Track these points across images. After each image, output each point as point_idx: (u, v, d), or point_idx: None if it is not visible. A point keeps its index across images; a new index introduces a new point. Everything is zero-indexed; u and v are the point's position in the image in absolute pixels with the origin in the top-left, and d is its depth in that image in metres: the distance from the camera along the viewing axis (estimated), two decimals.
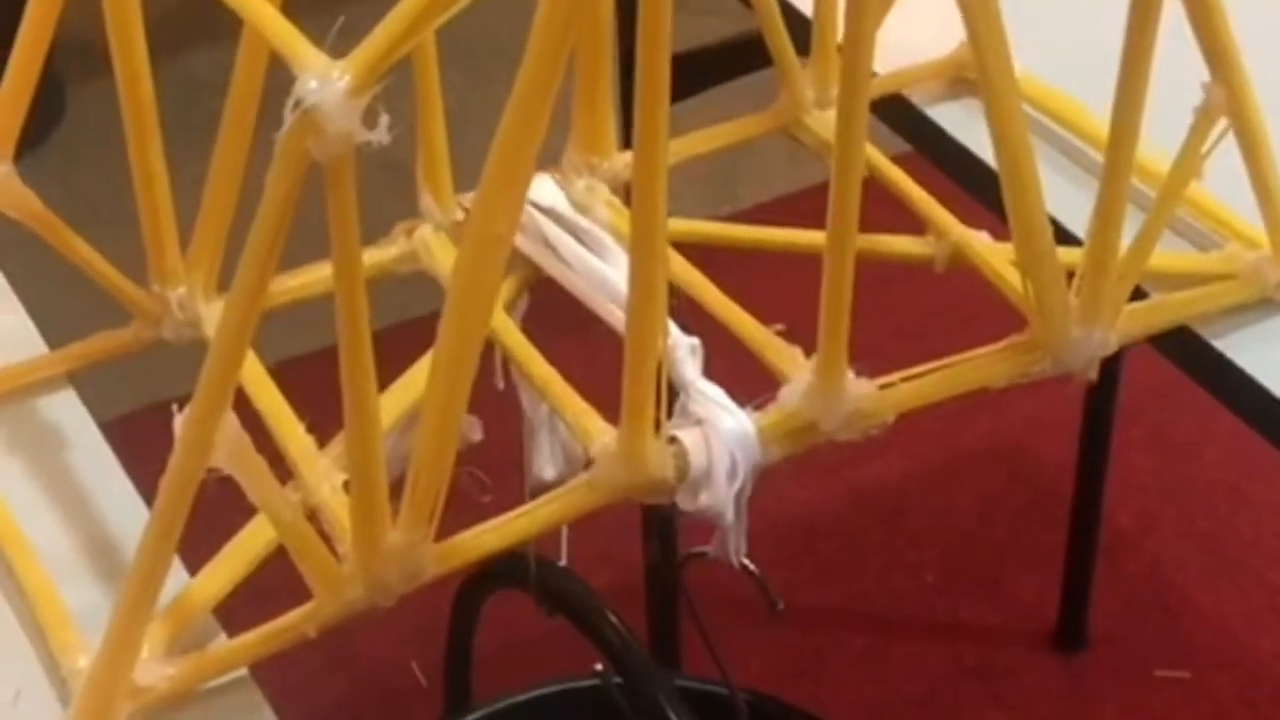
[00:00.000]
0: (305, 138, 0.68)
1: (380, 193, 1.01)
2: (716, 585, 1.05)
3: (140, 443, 0.92)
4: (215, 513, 0.81)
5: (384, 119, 0.68)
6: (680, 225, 0.98)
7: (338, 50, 0.69)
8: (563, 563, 1.05)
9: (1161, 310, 0.93)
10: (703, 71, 1.48)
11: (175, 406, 0.74)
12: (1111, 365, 1.74)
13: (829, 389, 0.84)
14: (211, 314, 0.91)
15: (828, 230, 0.81)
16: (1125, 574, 1.90)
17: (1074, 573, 1.83)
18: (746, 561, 0.88)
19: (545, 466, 0.98)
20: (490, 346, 0.94)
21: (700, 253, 0.99)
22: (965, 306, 1.42)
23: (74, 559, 0.84)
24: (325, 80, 0.67)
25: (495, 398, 0.96)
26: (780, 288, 0.94)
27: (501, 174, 0.72)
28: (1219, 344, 0.94)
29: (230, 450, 0.73)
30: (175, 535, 0.75)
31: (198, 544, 0.83)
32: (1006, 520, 1.96)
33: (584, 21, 0.90)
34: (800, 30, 1.02)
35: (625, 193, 1.00)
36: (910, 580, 1.91)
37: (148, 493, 0.87)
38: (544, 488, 0.98)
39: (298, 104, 0.68)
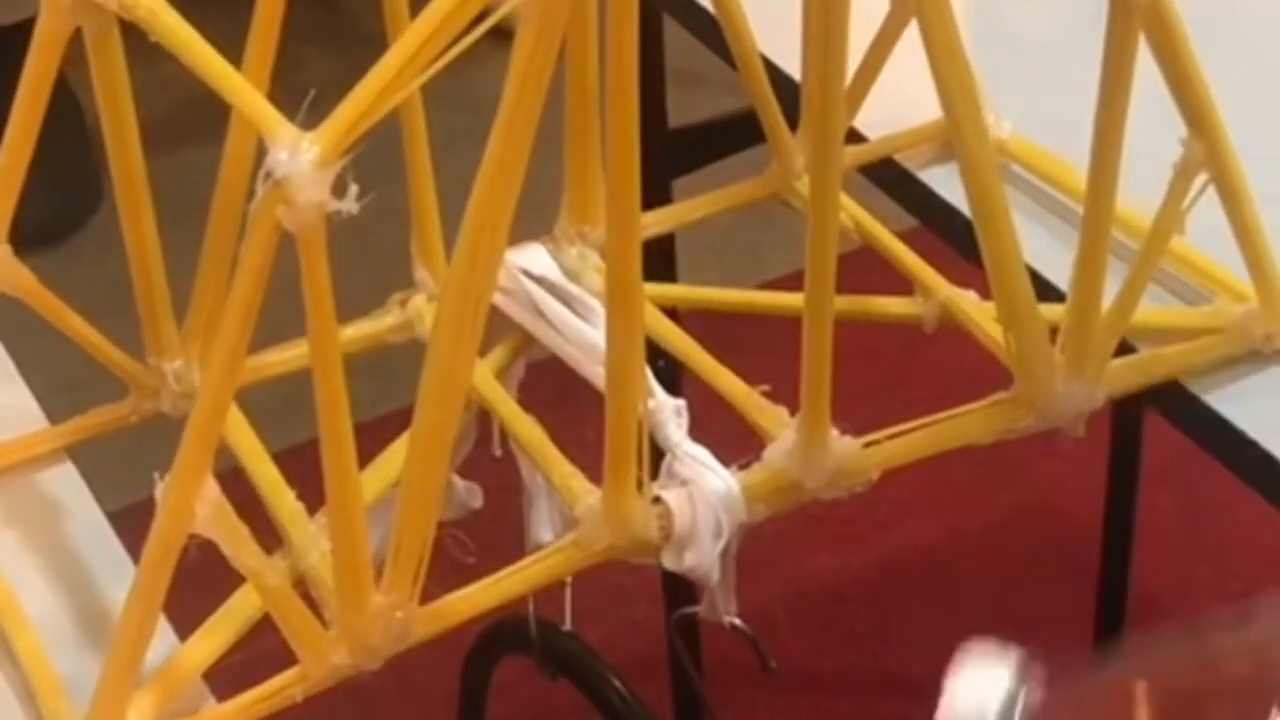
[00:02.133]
0: (275, 208, 0.69)
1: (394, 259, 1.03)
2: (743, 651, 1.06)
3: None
4: (209, 578, 0.82)
5: (353, 189, 0.70)
6: (666, 289, 0.99)
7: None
8: (567, 626, 1.06)
9: (1148, 365, 0.94)
10: (702, 146, 1.50)
11: (156, 475, 0.75)
12: (1134, 426, 1.74)
13: (812, 447, 0.84)
14: None
15: (806, 289, 0.82)
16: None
17: (1104, 637, 1.83)
18: (737, 621, 0.88)
19: (543, 531, 0.98)
20: (487, 415, 0.96)
21: (697, 318, 1.01)
22: (953, 365, 1.43)
23: (67, 629, 0.85)
24: (295, 151, 0.69)
25: (490, 465, 0.97)
26: (774, 350, 0.94)
27: (476, 237, 0.73)
28: (1208, 398, 0.94)
29: (211, 516, 0.74)
30: (159, 601, 0.76)
31: (192, 610, 0.84)
32: (1037, 586, 1.96)
33: (574, 92, 0.91)
34: (791, 97, 1.03)
35: (656, 257, 1.01)
36: (941, 647, 1.91)
37: None
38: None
39: (268, 175, 0.70)
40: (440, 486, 0.77)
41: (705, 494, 0.84)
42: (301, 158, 0.69)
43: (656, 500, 0.83)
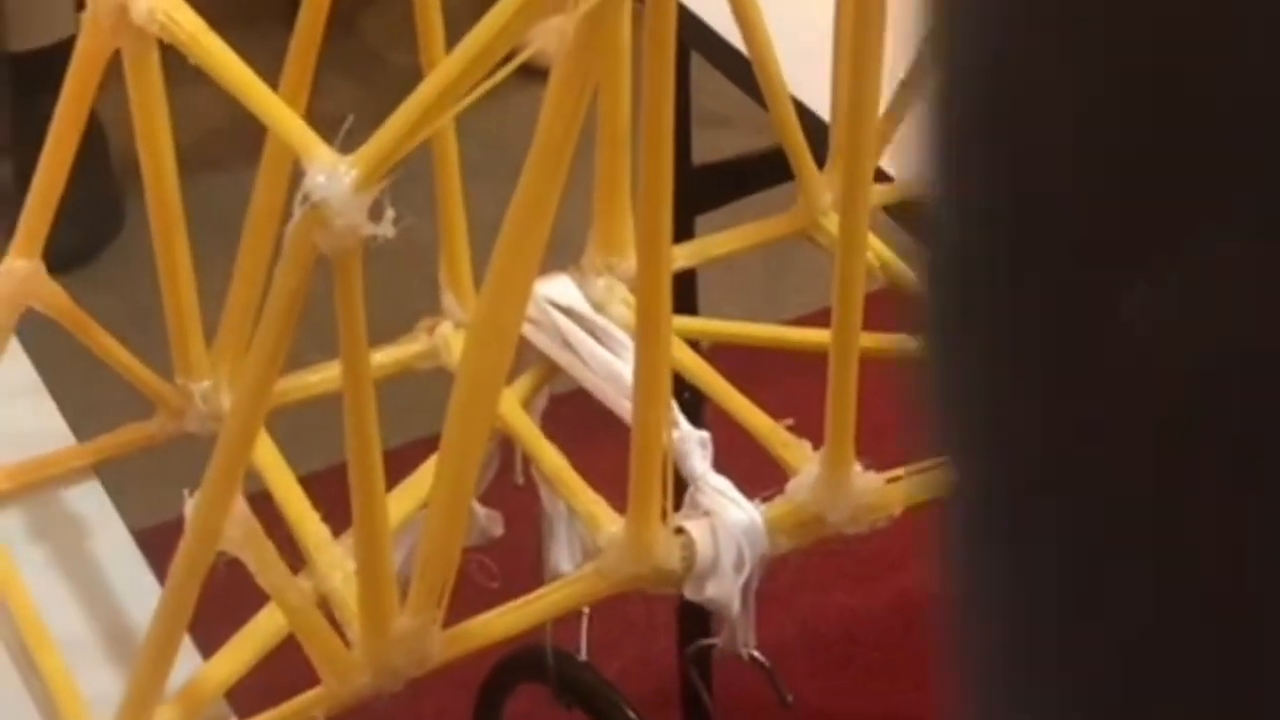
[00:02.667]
0: (312, 231, 0.70)
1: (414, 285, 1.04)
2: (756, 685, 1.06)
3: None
4: (232, 596, 0.83)
5: (389, 213, 0.71)
6: (692, 322, 1.00)
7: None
8: (582, 656, 1.07)
9: None
10: (724, 184, 1.51)
11: (186, 492, 0.76)
12: None
13: (836, 482, 0.85)
14: None
15: (833, 325, 0.82)
16: None
17: None
18: (755, 654, 0.89)
19: (562, 560, 0.99)
20: (510, 443, 0.96)
21: (723, 353, 1.01)
22: None
23: (92, 646, 0.86)
24: (333, 174, 0.70)
25: (512, 493, 0.98)
26: (796, 385, 0.95)
27: (508, 266, 0.74)
28: None
29: (240, 535, 0.75)
30: (185, 619, 0.76)
31: (214, 628, 0.85)
32: None
33: (605, 126, 0.92)
34: (818, 136, 1.04)
35: (681, 291, 1.02)
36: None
37: None
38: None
39: (305, 198, 0.70)
40: (466, 512, 0.78)
41: (728, 525, 0.84)
42: (340, 181, 0.70)
43: (679, 531, 0.84)
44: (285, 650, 0.85)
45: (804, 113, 1.06)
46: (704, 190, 1.47)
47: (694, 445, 0.87)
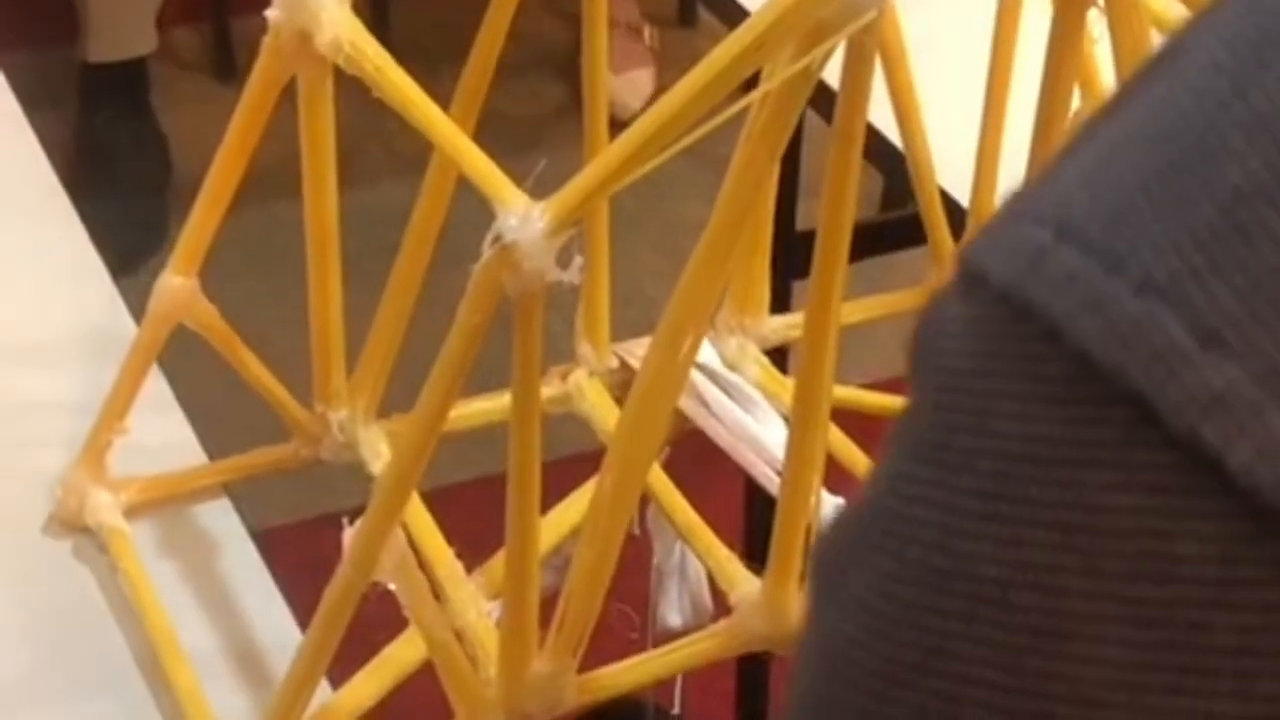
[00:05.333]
0: (500, 272, 0.71)
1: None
2: None
3: (286, 553, 0.95)
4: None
5: (577, 260, 0.72)
6: (840, 392, 1.00)
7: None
8: (676, 710, 1.07)
9: None
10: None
11: (346, 520, 0.76)
12: None
13: None
14: (369, 438, 0.93)
15: None
16: None
17: None
18: None
19: (671, 615, 1.00)
20: None
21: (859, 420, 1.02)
22: None
23: (222, 664, 0.86)
24: (526, 218, 0.71)
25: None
26: None
27: (676, 331, 0.74)
28: None
29: (396, 566, 0.76)
30: (333, 646, 0.77)
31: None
32: None
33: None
34: (955, 214, 1.05)
35: (773, 354, 1.03)
36: None
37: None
38: (668, 635, 1.00)
39: (496, 239, 0.71)
40: (613, 564, 0.78)
41: None
42: (532, 225, 0.70)
43: None
44: (406, 682, 0.85)
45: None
46: (804, 256, 1.48)
47: (833, 511, 0.87)
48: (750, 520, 1.46)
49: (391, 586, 0.77)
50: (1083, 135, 0.34)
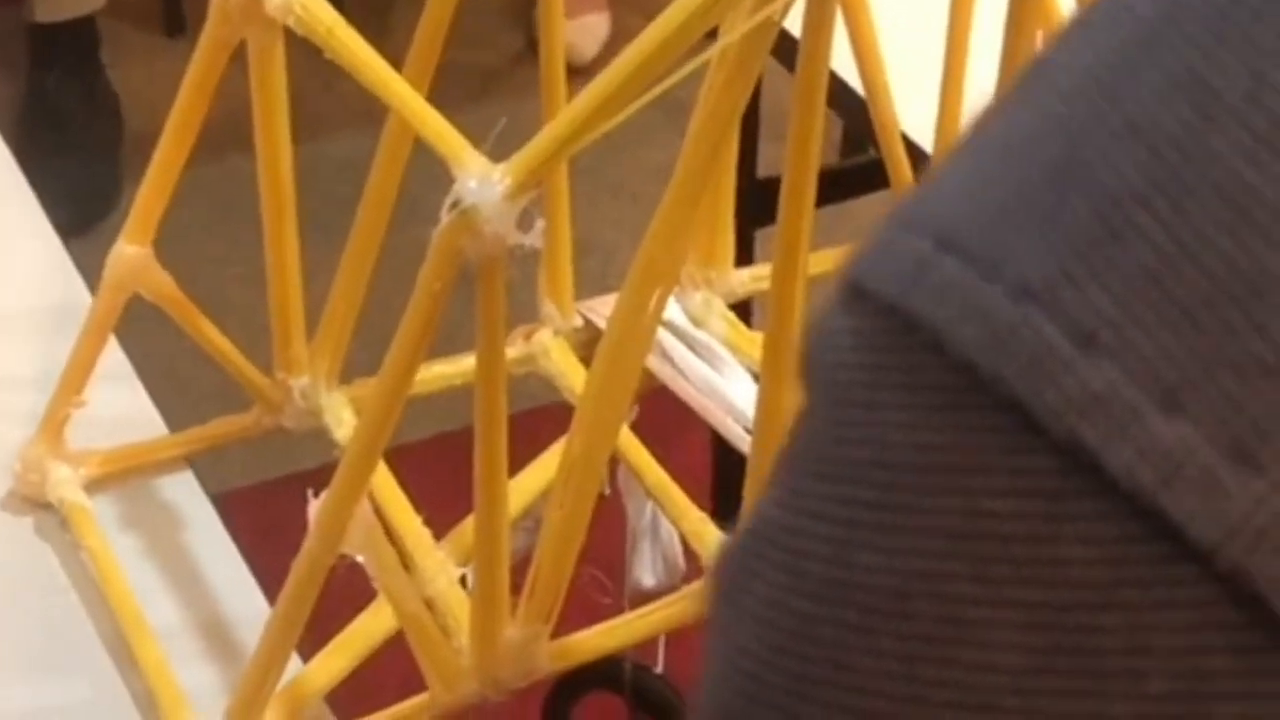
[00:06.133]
0: (460, 237, 0.69)
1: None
2: None
3: (246, 517, 0.93)
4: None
5: (539, 223, 0.70)
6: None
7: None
8: (659, 669, 1.06)
9: None
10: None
11: (310, 492, 0.75)
12: None
13: None
14: (332, 404, 0.92)
15: None
16: None
17: None
18: None
19: (645, 574, 0.99)
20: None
21: None
22: None
23: (189, 639, 0.85)
24: (485, 182, 0.69)
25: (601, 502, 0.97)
26: None
27: (641, 290, 0.73)
28: None
29: (363, 537, 0.74)
30: (302, 620, 0.76)
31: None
32: None
33: None
34: (918, 159, 1.03)
35: (739, 308, 1.02)
36: None
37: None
38: (642, 595, 0.99)
39: (455, 203, 0.70)
40: (584, 529, 0.77)
41: None
42: (492, 189, 0.69)
43: None
44: (376, 654, 0.84)
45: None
46: (767, 203, 1.47)
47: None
48: (719, 478, 1.45)
49: (359, 558, 0.76)
50: (962, 146, 0.34)
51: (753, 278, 1.01)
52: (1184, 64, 0.31)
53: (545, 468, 0.91)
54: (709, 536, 0.84)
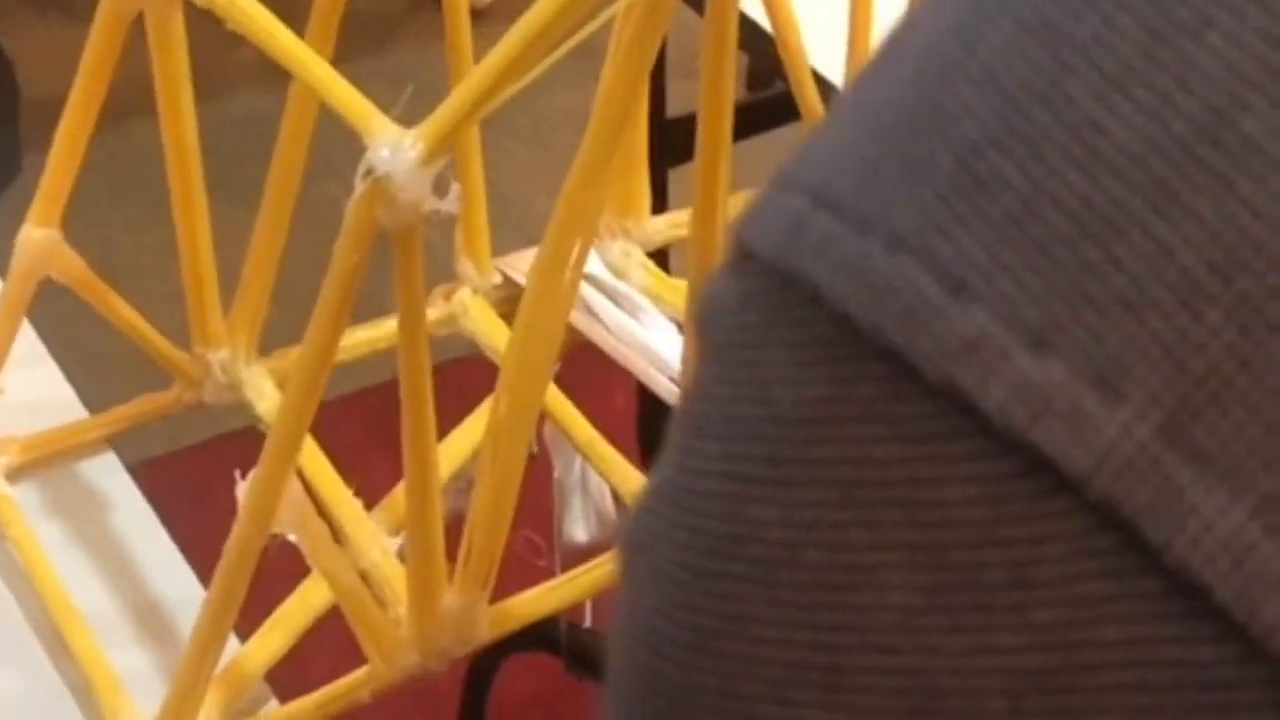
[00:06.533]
0: (375, 206, 0.68)
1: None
2: None
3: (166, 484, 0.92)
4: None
5: (455, 187, 0.69)
6: None
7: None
8: (588, 623, 1.06)
9: None
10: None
11: (238, 473, 0.74)
12: None
13: None
14: (252, 377, 0.91)
15: None
16: None
17: None
18: None
19: (577, 530, 0.98)
20: None
21: None
22: None
23: (123, 624, 0.84)
24: (397, 149, 0.68)
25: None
26: None
27: (560, 246, 0.72)
28: None
29: (294, 515, 0.73)
30: (237, 602, 0.75)
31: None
32: None
33: None
34: (828, 93, 1.03)
35: (658, 256, 1.01)
36: None
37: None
38: (575, 551, 0.99)
39: (368, 172, 0.68)
40: (515, 491, 0.76)
41: None
42: (405, 155, 0.68)
43: None
44: (314, 629, 0.83)
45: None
46: (678, 144, 1.46)
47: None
48: (645, 430, 1.44)
49: (291, 537, 0.75)
50: (837, 106, 0.35)
51: (670, 225, 1.00)
52: (1034, 9, 0.31)
53: (473, 429, 0.90)
54: (626, 477, 0.84)
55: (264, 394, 0.90)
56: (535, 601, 0.81)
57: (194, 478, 0.93)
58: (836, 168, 0.33)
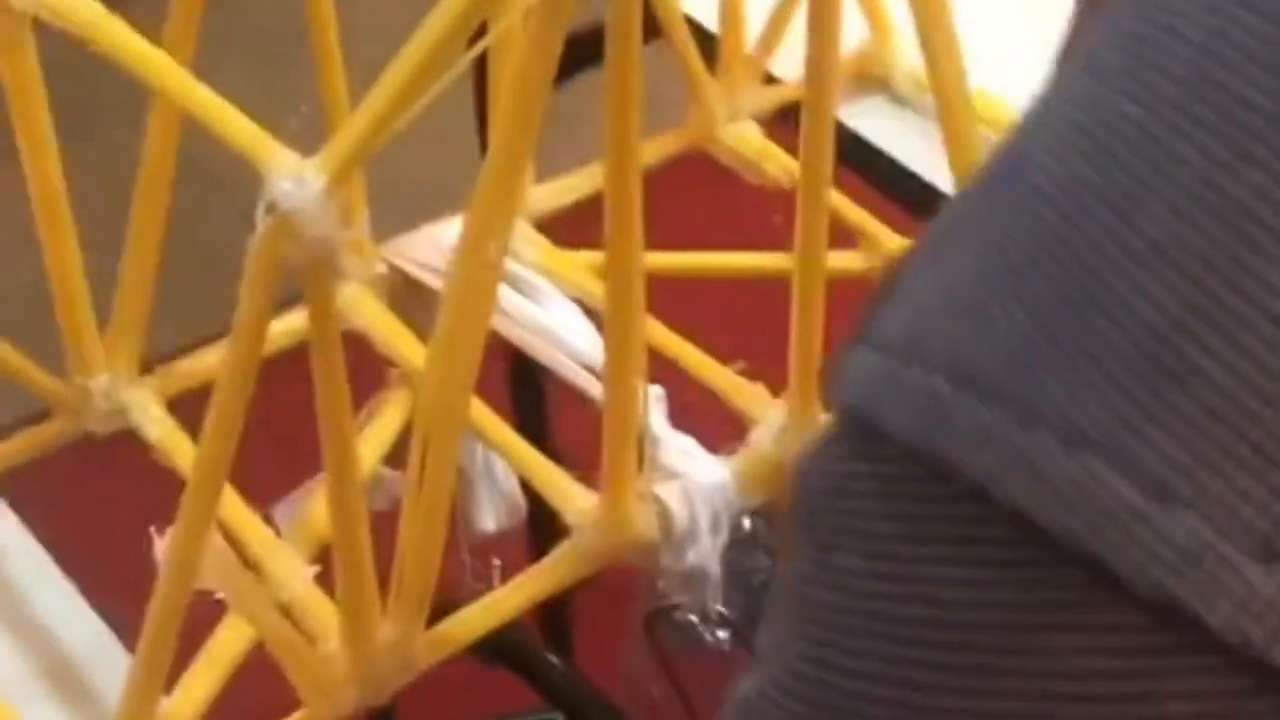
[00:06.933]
0: (280, 245, 0.64)
1: None
2: None
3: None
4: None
5: (365, 214, 0.65)
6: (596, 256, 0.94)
7: None
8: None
9: None
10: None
11: (153, 529, 0.70)
12: None
13: (804, 428, 0.81)
14: (138, 400, 0.86)
15: (797, 258, 0.78)
16: None
17: None
18: (723, 610, 0.85)
19: (485, 519, 0.94)
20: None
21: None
22: None
23: (33, 682, 0.79)
24: (299, 182, 0.63)
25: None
26: (704, 316, 0.90)
27: (474, 250, 0.69)
28: None
29: (219, 570, 0.69)
30: (166, 661, 0.71)
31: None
32: None
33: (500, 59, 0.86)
34: (705, 44, 0.99)
35: (543, 226, 0.97)
36: None
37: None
38: (484, 540, 0.95)
39: (271, 208, 0.64)
40: (446, 515, 0.73)
41: (700, 487, 0.80)
42: (308, 188, 0.63)
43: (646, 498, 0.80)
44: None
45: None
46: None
47: (651, 403, 0.82)
48: (519, 409, 1.39)
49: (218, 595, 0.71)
50: (934, 248, 0.32)
51: (556, 192, 0.96)
52: (1201, 175, 0.28)
53: (386, 426, 0.86)
54: (569, 492, 0.80)
55: (153, 416, 0.86)
56: (473, 620, 0.77)
57: (53, 479, 0.88)
58: (970, 339, 0.30)
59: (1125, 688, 0.29)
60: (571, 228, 0.95)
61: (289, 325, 0.83)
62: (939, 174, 1.01)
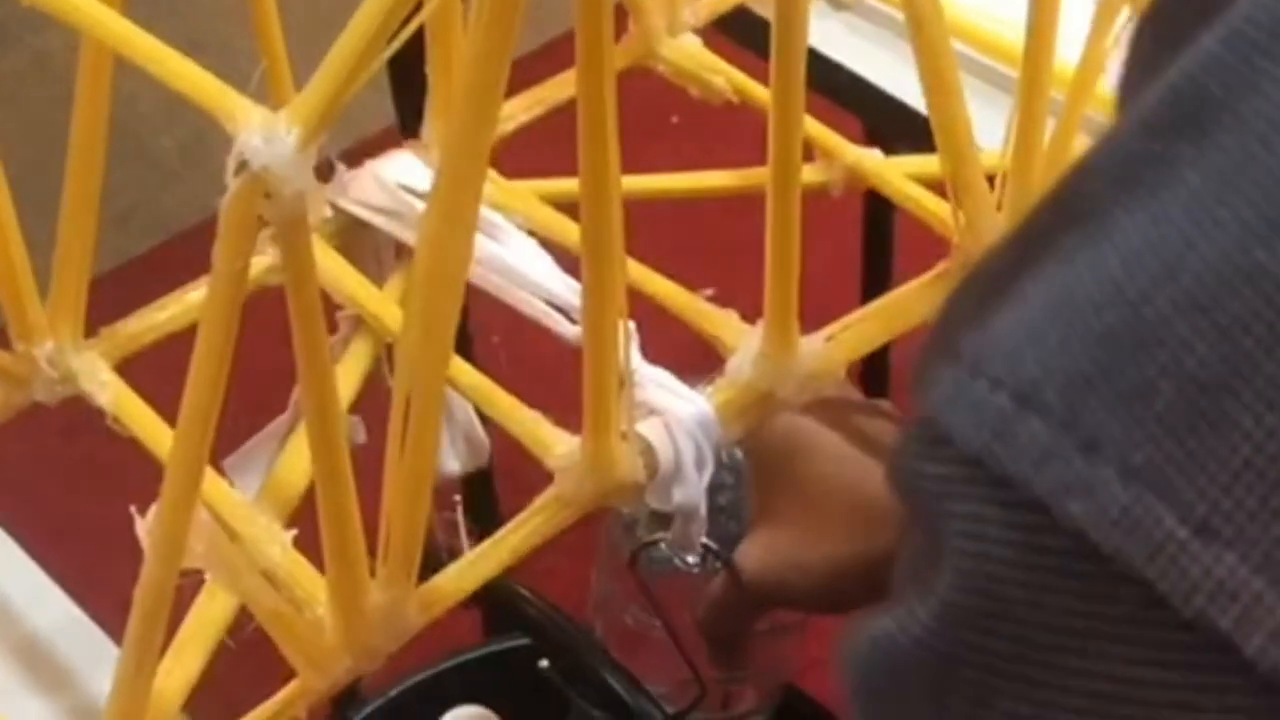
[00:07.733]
0: (254, 203, 0.61)
1: None
2: None
3: None
4: None
5: (341, 169, 0.62)
6: (557, 185, 0.91)
7: None
8: (464, 550, 1.00)
9: None
10: None
11: (134, 509, 0.67)
12: None
13: (783, 354, 0.79)
14: (85, 365, 0.82)
15: (771, 183, 0.75)
16: None
17: None
18: (710, 544, 0.83)
19: (450, 462, 0.92)
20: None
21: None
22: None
23: (11, 673, 0.76)
24: (271, 136, 0.60)
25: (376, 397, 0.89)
26: (662, 239, 0.88)
27: (457, 184, 0.65)
28: None
29: (207, 549, 0.66)
30: (156, 645, 0.68)
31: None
32: None
33: None
34: None
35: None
36: None
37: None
38: (450, 482, 0.93)
39: (242, 165, 0.61)
40: (432, 475, 0.70)
41: (681, 422, 0.78)
42: (282, 143, 0.60)
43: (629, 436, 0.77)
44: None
45: None
46: None
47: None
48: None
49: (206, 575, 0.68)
50: (1008, 270, 0.35)
51: (506, 115, 0.93)
52: (1237, 243, 0.31)
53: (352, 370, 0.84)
54: (547, 438, 0.77)
55: (102, 382, 0.82)
56: (461, 576, 0.75)
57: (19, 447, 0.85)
58: (1033, 363, 0.33)
59: (1172, 696, 0.32)
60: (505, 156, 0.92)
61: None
62: (891, 82, 1.00)
